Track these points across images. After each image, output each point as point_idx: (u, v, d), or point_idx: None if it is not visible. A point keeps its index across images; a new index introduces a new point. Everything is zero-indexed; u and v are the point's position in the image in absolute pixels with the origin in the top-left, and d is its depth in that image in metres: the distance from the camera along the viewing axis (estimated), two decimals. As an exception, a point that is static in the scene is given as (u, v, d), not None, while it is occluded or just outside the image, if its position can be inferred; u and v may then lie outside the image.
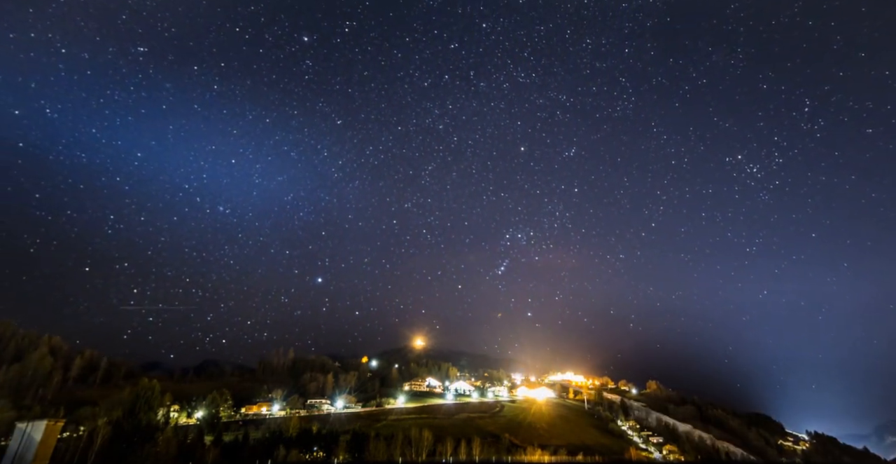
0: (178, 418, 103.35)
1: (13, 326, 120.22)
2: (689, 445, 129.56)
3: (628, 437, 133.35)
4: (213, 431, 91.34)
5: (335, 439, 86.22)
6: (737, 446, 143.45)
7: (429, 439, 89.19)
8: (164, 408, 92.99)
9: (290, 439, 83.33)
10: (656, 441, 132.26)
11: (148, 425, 70.69)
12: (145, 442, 65.01)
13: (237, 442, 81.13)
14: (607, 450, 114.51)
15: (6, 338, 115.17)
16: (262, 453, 76.08)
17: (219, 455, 72.89)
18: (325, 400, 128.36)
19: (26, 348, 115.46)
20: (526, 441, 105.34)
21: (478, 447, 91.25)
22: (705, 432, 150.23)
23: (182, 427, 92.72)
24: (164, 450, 66.44)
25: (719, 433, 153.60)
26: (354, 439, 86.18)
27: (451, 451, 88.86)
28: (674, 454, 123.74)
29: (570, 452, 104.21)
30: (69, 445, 62.92)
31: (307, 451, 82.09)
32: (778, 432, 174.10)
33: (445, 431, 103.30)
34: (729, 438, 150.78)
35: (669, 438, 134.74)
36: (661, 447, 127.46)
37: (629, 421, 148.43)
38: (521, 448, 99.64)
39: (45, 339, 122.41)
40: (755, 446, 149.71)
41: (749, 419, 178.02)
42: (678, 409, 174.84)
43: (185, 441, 75.65)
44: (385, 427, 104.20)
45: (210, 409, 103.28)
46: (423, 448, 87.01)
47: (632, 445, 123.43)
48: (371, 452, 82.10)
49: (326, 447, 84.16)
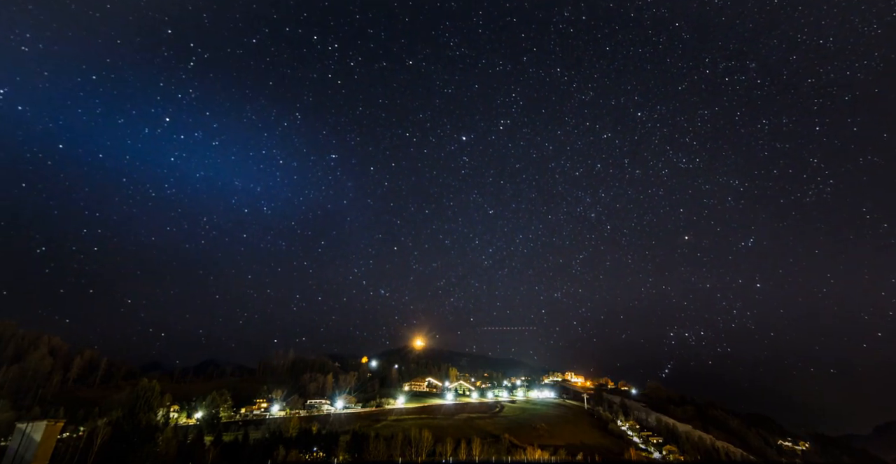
0: (178, 418, 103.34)
1: (13, 326, 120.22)
2: (689, 445, 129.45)
3: (628, 437, 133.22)
4: (213, 431, 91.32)
5: (335, 439, 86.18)
6: (736, 446, 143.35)
7: (429, 439, 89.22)
8: (164, 408, 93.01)
9: (290, 439, 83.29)
10: (656, 441, 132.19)
11: (148, 425, 70.63)
12: (145, 442, 64.96)
13: (237, 442, 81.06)
14: (607, 450, 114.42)
15: (6, 338, 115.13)
16: (262, 454, 76.05)
17: (218, 455, 72.88)
18: (324, 400, 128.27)
19: (26, 348, 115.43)
20: (526, 441, 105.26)
21: (478, 448, 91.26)
22: (705, 432, 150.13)
23: (182, 427, 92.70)
24: (163, 450, 66.42)
25: (719, 434, 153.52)
26: (354, 439, 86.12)
27: (451, 451, 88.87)
28: (674, 454, 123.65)
29: (570, 452, 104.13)
30: (69, 445, 62.94)
31: (307, 451, 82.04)
32: (777, 433, 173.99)
33: (445, 431, 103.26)
34: (729, 438, 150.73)
35: (669, 438, 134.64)
36: (661, 447, 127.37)
37: (629, 421, 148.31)
38: (521, 448, 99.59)
39: (45, 339, 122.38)
40: (755, 446, 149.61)
41: (749, 420, 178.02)
42: (678, 409, 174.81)
43: (184, 441, 75.66)
44: (385, 427, 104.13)
45: (210, 409, 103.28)
46: (423, 448, 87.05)
47: (632, 445, 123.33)
48: (371, 452, 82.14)
49: (326, 448, 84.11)
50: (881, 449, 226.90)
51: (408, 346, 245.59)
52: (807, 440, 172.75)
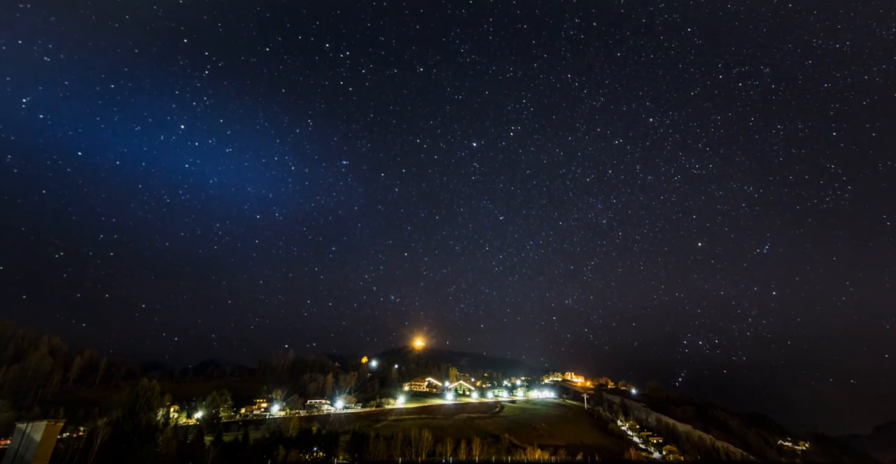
0: (178, 418, 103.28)
1: (13, 326, 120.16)
2: (689, 445, 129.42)
3: (628, 437, 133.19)
4: (213, 431, 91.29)
5: (335, 439, 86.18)
6: (736, 446, 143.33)
7: (429, 439, 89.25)
8: (163, 408, 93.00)
9: (290, 439, 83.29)
10: (656, 441, 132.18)
11: (148, 425, 70.71)
12: (145, 442, 65.02)
13: (237, 442, 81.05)
14: (607, 450, 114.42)
15: (6, 338, 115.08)
16: (262, 454, 76.06)
17: (218, 455, 72.88)
18: (324, 400, 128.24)
19: (26, 348, 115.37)
20: (526, 441, 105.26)
21: (478, 448, 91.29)
22: (705, 432, 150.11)
23: (182, 427, 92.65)
24: (163, 450, 66.45)
25: (719, 434, 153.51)
26: (354, 439, 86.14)
27: (451, 451, 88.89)
28: (674, 454, 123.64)
29: (570, 452, 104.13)
30: (69, 445, 62.94)
31: (307, 451, 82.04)
32: (777, 433, 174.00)
33: (445, 431, 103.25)
34: (729, 438, 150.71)
35: (669, 438, 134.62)
36: (661, 447, 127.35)
37: (629, 421, 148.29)
38: (521, 448, 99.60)
39: (45, 339, 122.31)
40: (755, 446, 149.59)
41: (749, 419, 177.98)
42: (678, 409, 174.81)
43: (184, 441, 75.63)
44: (385, 427, 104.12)
45: (210, 409, 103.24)
46: (423, 448, 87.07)
47: (632, 445, 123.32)
48: (371, 452, 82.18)
49: (326, 448, 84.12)
50: (881, 449, 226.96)
51: (408, 346, 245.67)
52: (807, 440, 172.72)
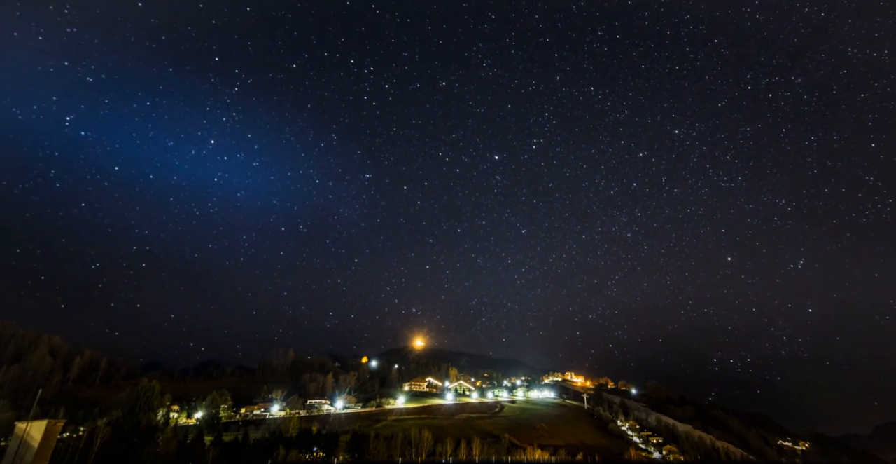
0: (178, 418, 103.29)
1: (13, 326, 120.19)
2: (689, 445, 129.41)
3: (628, 437, 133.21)
4: (213, 431, 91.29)
5: (335, 439, 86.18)
6: (736, 446, 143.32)
7: (429, 439, 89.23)
8: (163, 408, 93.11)
9: (290, 439, 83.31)
10: (656, 441, 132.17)
11: (148, 425, 70.76)
12: (145, 442, 65.05)
13: (237, 442, 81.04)
14: (607, 450, 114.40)
15: (6, 338, 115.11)
16: (262, 454, 76.06)
17: (218, 455, 72.86)
18: (324, 400, 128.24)
19: (26, 348, 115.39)
20: (526, 441, 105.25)
21: (478, 448, 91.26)
22: (705, 432, 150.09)
23: (182, 427, 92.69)
24: (163, 450, 66.46)
25: (719, 433, 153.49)
26: (354, 439, 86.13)
27: (451, 451, 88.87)
28: (674, 454, 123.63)
29: (570, 452, 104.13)
30: (69, 445, 62.89)
31: (307, 451, 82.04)
32: (777, 433, 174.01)
33: (445, 431, 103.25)
34: (729, 438, 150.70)
35: (669, 438, 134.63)
36: (661, 447, 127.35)
37: (629, 421, 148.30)
38: (521, 448, 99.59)
39: (45, 339, 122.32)
40: (755, 446, 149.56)
41: (749, 419, 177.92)
42: (678, 409, 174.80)
43: (184, 441, 75.65)
44: (385, 427, 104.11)
45: (210, 409, 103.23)
46: (423, 448, 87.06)
47: (632, 445, 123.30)
48: (371, 452, 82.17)
49: (326, 448, 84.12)
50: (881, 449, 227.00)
51: (408, 346, 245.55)
52: (807, 440, 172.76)
